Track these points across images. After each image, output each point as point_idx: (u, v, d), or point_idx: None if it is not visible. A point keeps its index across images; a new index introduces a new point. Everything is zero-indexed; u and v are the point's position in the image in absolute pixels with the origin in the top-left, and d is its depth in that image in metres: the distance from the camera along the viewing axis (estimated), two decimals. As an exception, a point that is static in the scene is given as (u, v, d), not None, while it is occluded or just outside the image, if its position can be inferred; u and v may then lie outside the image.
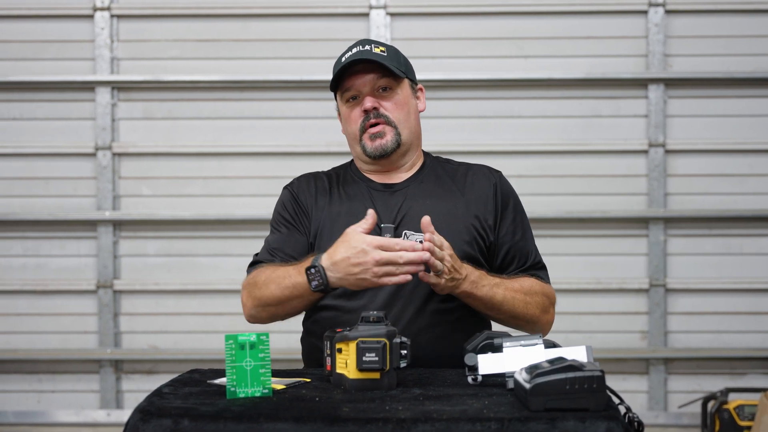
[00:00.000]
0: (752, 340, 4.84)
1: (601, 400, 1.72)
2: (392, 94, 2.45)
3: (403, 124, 2.45)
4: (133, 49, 4.95)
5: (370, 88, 2.43)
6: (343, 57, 2.46)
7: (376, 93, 2.44)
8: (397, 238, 2.18)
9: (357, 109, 2.45)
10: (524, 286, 2.40)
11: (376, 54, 2.42)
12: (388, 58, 2.43)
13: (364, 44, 2.46)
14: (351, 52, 2.45)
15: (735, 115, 4.84)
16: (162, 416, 1.74)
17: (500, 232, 2.46)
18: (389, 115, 2.44)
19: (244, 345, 1.89)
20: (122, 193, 4.96)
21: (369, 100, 2.43)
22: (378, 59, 2.41)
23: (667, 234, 4.85)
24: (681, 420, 4.81)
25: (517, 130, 4.87)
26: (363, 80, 2.43)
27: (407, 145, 2.48)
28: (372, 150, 2.44)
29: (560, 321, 2.55)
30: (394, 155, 2.46)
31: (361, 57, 2.41)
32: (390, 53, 2.46)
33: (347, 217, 2.41)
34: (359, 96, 2.45)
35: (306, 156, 4.86)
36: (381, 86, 2.44)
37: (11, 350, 4.95)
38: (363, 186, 2.49)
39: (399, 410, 1.76)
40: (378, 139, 2.43)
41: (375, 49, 2.44)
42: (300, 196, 2.51)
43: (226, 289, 4.81)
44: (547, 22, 4.87)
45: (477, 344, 2.00)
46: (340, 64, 2.45)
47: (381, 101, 2.44)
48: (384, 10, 4.85)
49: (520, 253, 2.48)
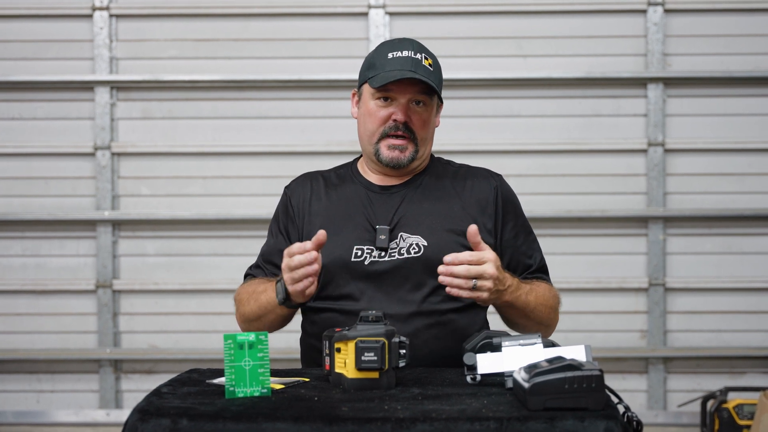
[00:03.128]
0: (752, 340, 4.85)
1: (600, 399, 1.72)
2: (424, 110, 2.41)
3: (423, 142, 2.44)
4: (132, 49, 4.95)
5: (407, 99, 2.40)
6: (391, 53, 2.41)
7: (409, 103, 2.40)
8: (302, 243, 2.15)
9: (385, 111, 2.41)
10: (544, 293, 2.41)
11: (425, 70, 2.38)
12: (434, 75, 2.40)
13: (415, 50, 2.41)
14: (401, 54, 2.40)
15: (734, 114, 4.84)
16: (161, 416, 1.74)
17: (502, 237, 2.45)
18: (416, 132, 2.41)
19: (243, 345, 1.89)
20: (121, 193, 4.96)
21: (402, 112, 2.39)
22: (427, 79, 2.36)
23: (667, 233, 4.86)
24: (680, 419, 4.81)
25: (516, 129, 4.87)
26: (405, 89, 2.39)
27: (418, 161, 2.47)
28: (387, 159, 2.42)
29: (560, 320, 2.55)
30: (405, 168, 2.45)
31: (413, 76, 2.35)
32: (435, 69, 2.42)
33: (342, 220, 2.42)
34: (393, 99, 2.41)
35: (305, 156, 4.85)
36: (417, 100, 2.40)
37: (10, 350, 4.95)
38: (361, 188, 2.48)
39: (398, 410, 1.76)
40: (397, 151, 2.41)
41: (425, 61, 2.40)
42: (293, 201, 2.51)
43: (226, 288, 4.81)
44: (547, 22, 4.87)
45: (476, 344, 2.00)
46: (387, 66, 2.38)
47: (412, 115, 2.40)
48: (383, 10, 4.85)
49: (524, 259, 2.47)
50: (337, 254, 2.38)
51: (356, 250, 2.38)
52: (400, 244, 2.38)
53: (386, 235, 2.36)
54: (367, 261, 2.37)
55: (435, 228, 2.40)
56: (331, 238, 2.37)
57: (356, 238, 2.39)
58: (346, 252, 2.38)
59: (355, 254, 2.38)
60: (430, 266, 2.34)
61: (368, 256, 2.37)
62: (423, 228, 2.39)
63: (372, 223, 2.40)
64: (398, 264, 2.36)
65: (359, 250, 2.38)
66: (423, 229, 2.39)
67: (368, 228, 2.40)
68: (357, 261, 2.37)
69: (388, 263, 2.36)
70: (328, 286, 2.40)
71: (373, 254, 2.37)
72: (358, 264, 2.37)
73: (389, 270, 2.36)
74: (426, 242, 2.37)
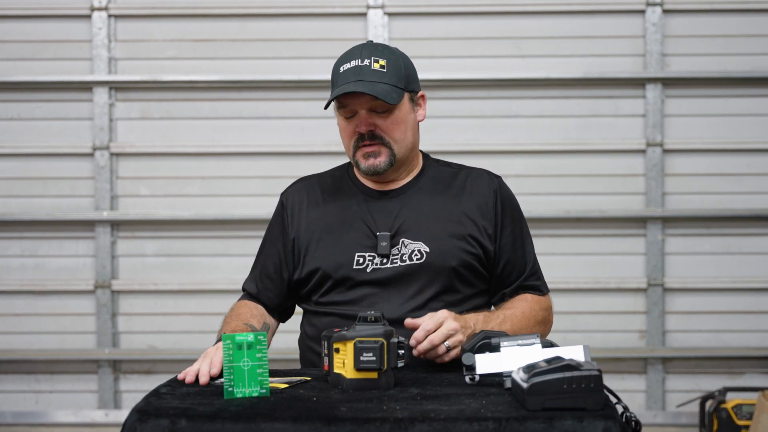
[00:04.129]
0: (750, 340, 4.85)
1: (599, 399, 1.72)
2: (389, 113, 2.35)
3: (399, 143, 2.38)
4: (131, 49, 4.95)
5: (367, 108, 2.34)
6: (341, 67, 2.36)
7: (372, 111, 2.35)
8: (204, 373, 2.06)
9: (352, 125, 2.37)
10: (525, 312, 2.39)
11: (374, 74, 2.31)
12: (387, 75, 2.33)
13: (363, 57, 2.34)
14: (349, 65, 2.34)
15: (733, 115, 4.84)
16: (159, 416, 1.74)
17: (499, 242, 2.43)
18: (385, 136, 2.36)
19: (242, 345, 1.89)
20: (120, 193, 4.95)
21: (364, 123, 2.34)
22: (372, 88, 2.29)
23: (665, 233, 4.86)
24: (679, 419, 4.81)
25: (515, 129, 4.87)
26: (359, 100, 2.33)
27: (402, 161, 2.42)
28: (365, 168, 2.38)
29: (558, 320, 2.55)
30: (387, 172, 2.41)
31: (356, 89, 2.29)
32: (390, 68, 2.34)
33: (342, 227, 2.40)
34: (356, 113, 2.36)
35: (305, 156, 4.85)
36: (377, 105, 2.34)
37: (9, 350, 4.95)
38: (358, 193, 2.45)
39: (396, 410, 1.76)
40: (371, 158, 2.37)
41: (374, 64, 2.33)
42: (288, 208, 2.49)
43: (225, 289, 4.80)
44: (545, 22, 4.87)
45: (474, 344, 2.00)
46: (338, 81, 2.34)
47: (377, 120, 2.35)
48: (382, 10, 4.85)
49: (519, 264, 2.46)
50: (339, 261, 2.37)
51: (358, 257, 2.37)
52: (402, 251, 2.36)
53: (387, 242, 2.35)
54: (369, 268, 2.36)
55: (437, 234, 2.38)
56: (332, 245, 2.37)
57: (357, 245, 2.37)
58: (347, 259, 2.37)
59: (357, 261, 2.36)
60: (433, 273, 2.35)
61: (370, 263, 2.36)
62: (424, 234, 2.37)
63: (372, 230, 2.38)
64: (400, 271, 2.35)
65: (360, 257, 2.37)
66: (425, 235, 2.37)
67: (369, 234, 2.38)
68: (359, 268, 2.36)
69: (390, 270, 2.35)
70: (329, 292, 2.39)
71: (374, 261, 2.36)
72: (360, 271, 2.36)
73: (391, 277, 2.35)
74: (428, 248, 2.36)
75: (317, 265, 2.39)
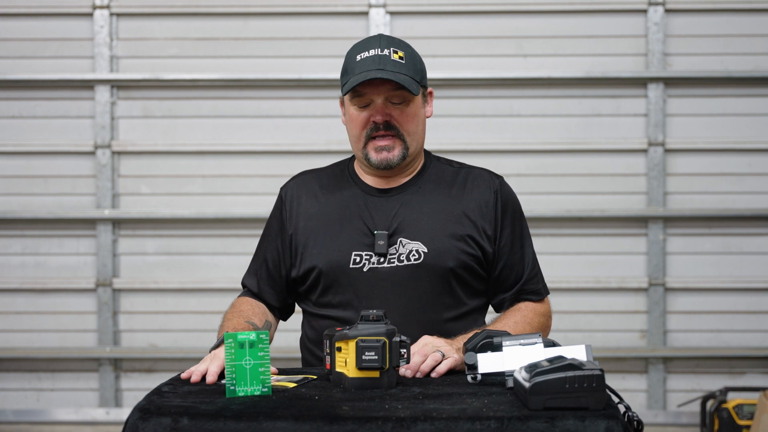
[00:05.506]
0: (751, 340, 4.85)
1: (601, 399, 1.72)
2: (405, 105, 2.34)
3: (412, 137, 2.36)
4: (133, 48, 4.95)
5: (384, 98, 2.32)
6: (359, 56, 2.34)
7: (388, 102, 2.33)
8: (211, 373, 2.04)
9: (366, 114, 2.34)
10: (518, 321, 2.36)
11: (395, 64, 2.31)
12: (406, 67, 2.33)
13: (382, 47, 2.33)
14: (368, 54, 2.33)
15: (734, 114, 4.84)
16: (161, 415, 1.74)
17: (499, 243, 2.41)
18: (400, 128, 2.34)
19: (244, 343, 1.89)
20: (121, 192, 4.96)
21: (380, 112, 2.32)
22: (396, 77, 2.28)
23: (667, 233, 4.86)
24: (680, 419, 4.82)
25: (516, 128, 4.87)
26: (378, 89, 2.32)
27: (412, 155, 2.40)
28: (377, 162, 2.35)
29: (559, 320, 2.55)
30: (398, 167, 2.39)
31: (380, 75, 2.28)
32: (408, 60, 2.34)
33: (339, 224, 2.38)
34: (370, 104, 2.34)
35: (305, 155, 4.85)
36: (395, 96, 2.33)
37: (10, 348, 4.95)
38: (358, 191, 2.43)
39: (398, 409, 1.76)
40: (384, 152, 2.34)
41: (394, 55, 2.32)
42: (287, 202, 2.47)
43: (226, 287, 4.81)
44: (547, 21, 4.87)
45: (476, 343, 2.00)
46: (356, 69, 2.32)
47: (392, 112, 2.33)
48: (384, 9, 4.84)
49: (517, 267, 2.43)
50: (335, 260, 2.35)
51: (354, 255, 2.35)
52: (400, 250, 2.35)
53: (385, 241, 2.33)
54: (366, 268, 2.34)
55: (435, 234, 2.36)
56: (329, 242, 2.35)
57: (354, 243, 2.35)
58: (344, 258, 2.35)
59: (354, 260, 2.35)
60: (430, 273, 2.33)
61: (367, 262, 2.34)
62: (423, 234, 2.36)
63: (370, 228, 2.36)
64: (398, 271, 2.33)
65: (357, 256, 2.35)
66: (423, 235, 2.35)
67: (366, 233, 2.36)
68: (355, 267, 2.34)
69: (387, 270, 2.34)
70: (326, 292, 2.38)
71: (371, 260, 2.34)
72: (357, 270, 2.34)
73: (388, 277, 2.33)
74: (426, 249, 2.34)
75: (314, 263, 2.38)
